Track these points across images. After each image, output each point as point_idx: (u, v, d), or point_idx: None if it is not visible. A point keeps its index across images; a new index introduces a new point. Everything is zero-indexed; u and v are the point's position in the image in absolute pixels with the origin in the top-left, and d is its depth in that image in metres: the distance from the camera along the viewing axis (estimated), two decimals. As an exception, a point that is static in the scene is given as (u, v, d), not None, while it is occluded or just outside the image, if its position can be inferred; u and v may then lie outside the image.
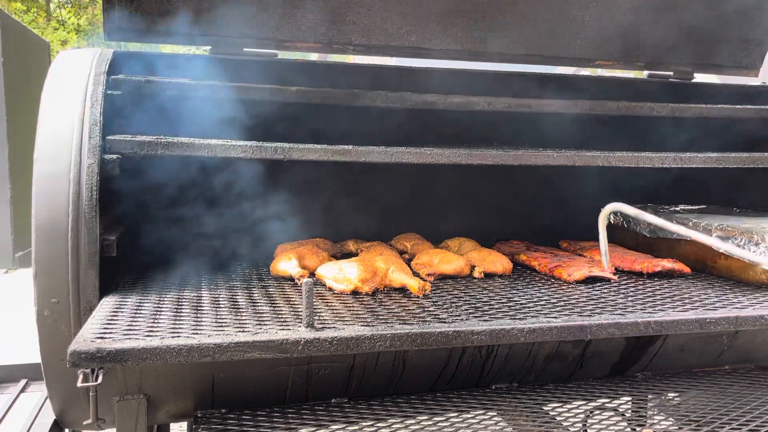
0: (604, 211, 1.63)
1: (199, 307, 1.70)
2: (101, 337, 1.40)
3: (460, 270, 2.17)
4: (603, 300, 1.87)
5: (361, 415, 1.89)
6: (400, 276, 1.94)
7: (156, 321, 1.55)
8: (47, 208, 1.69)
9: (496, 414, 1.94)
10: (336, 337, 1.47)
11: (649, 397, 2.20)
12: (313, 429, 1.84)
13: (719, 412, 1.98)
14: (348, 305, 1.78)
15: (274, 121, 2.34)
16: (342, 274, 1.92)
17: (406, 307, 1.76)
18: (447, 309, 1.75)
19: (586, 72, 5.17)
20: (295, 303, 1.77)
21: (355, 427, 1.84)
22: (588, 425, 1.95)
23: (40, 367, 1.74)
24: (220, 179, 2.37)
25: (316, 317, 1.61)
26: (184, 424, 3.12)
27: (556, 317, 1.68)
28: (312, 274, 2.04)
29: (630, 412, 2.17)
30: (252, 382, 1.88)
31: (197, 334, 1.45)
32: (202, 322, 1.56)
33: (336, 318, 1.64)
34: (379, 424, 1.85)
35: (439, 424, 1.87)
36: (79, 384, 1.49)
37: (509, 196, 2.93)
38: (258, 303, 1.77)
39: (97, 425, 1.74)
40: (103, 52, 1.98)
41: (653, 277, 2.23)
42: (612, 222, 2.65)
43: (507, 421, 1.92)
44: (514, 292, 1.99)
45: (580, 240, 2.63)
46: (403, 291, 1.95)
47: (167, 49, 2.57)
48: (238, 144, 1.76)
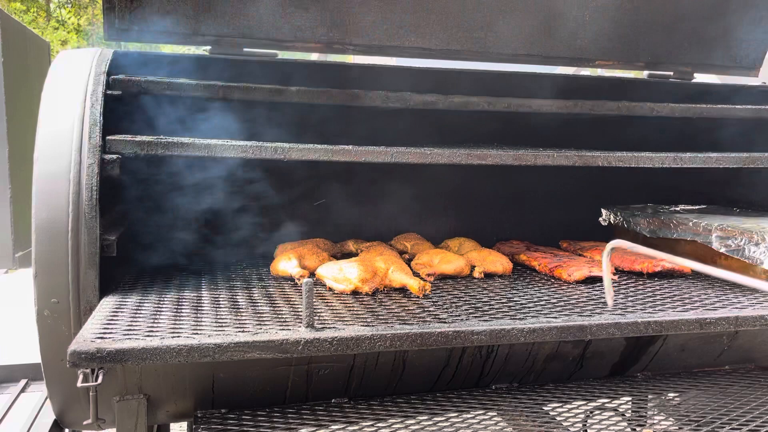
0: (606, 248, 1.69)
1: (199, 307, 1.70)
2: (101, 337, 1.40)
3: (460, 270, 2.16)
4: (603, 300, 1.87)
5: (361, 415, 1.89)
6: (400, 276, 1.94)
7: (156, 321, 1.55)
8: (47, 208, 1.69)
9: (496, 414, 1.94)
10: (336, 337, 1.48)
11: (649, 397, 2.20)
12: (313, 429, 1.84)
13: (719, 412, 1.98)
14: (348, 305, 1.78)
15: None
16: (342, 274, 1.92)
17: (406, 307, 1.76)
18: (447, 309, 1.75)
19: (586, 72, 5.17)
20: (295, 303, 1.77)
21: (355, 427, 1.84)
22: (588, 425, 1.95)
23: (40, 367, 1.74)
24: (220, 179, 2.37)
25: (316, 317, 1.61)
26: (184, 424, 3.12)
27: (556, 317, 1.68)
28: (312, 274, 2.04)
29: (630, 412, 2.17)
30: (252, 382, 1.88)
31: (197, 334, 1.45)
32: (202, 322, 1.56)
33: (336, 318, 1.64)
34: (379, 424, 1.85)
35: (439, 424, 1.87)
36: (79, 384, 1.48)
37: (509, 196, 2.93)
38: (258, 303, 1.77)
39: (97, 425, 1.74)
40: (103, 52, 1.98)
41: (653, 277, 2.23)
42: (612, 222, 2.65)
43: (507, 421, 1.92)
44: (514, 292, 1.99)
45: (580, 240, 2.63)
46: (403, 291, 1.95)
47: (167, 49, 2.57)
48: (238, 144, 1.76)
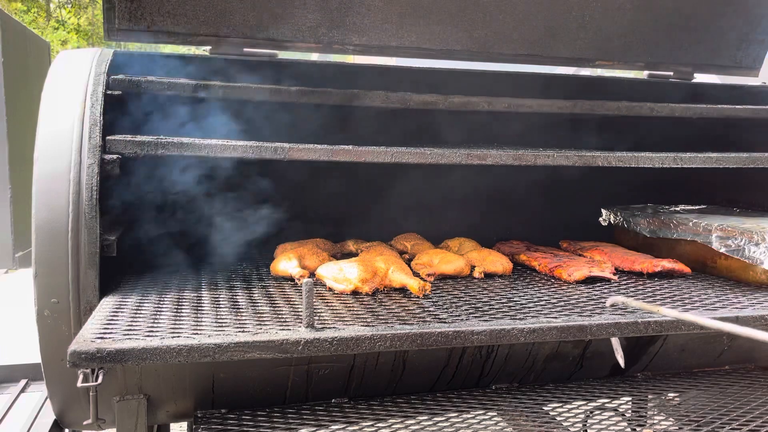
0: (608, 302, 1.74)
1: (199, 307, 1.70)
2: (101, 337, 1.40)
3: (460, 270, 2.16)
4: (603, 300, 1.87)
5: (361, 415, 1.89)
6: (400, 276, 1.94)
7: (156, 321, 1.55)
8: (47, 208, 1.69)
9: (496, 414, 1.94)
10: (336, 337, 1.47)
11: (649, 397, 2.20)
12: (313, 429, 1.84)
13: (719, 412, 1.98)
14: (348, 305, 1.78)
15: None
16: (342, 274, 1.92)
17: (406, 307, 1.76)
18: (447, 309, 1.75)
19: (586, 72, 5.17)
20: (295, 303, 1.77)
21: (355, 427, 1.84)
22: (588, 425, 1.95)
23: (40, 367, 1.74)
24: (221, 179, 2.37)
25: (316, 317, 1.61)
26: (184, 424, 3.12)
27: (556, 317, 1.68)
28: (312, 274, 2.04)
29: (630, 412, 2.17)
30: (252, 382, 1.88)
31: (197, 334, 1.45)
32: (202, 322, 1.56)
33: (336, 318, 1.64)
34: (379, 424, 1.85)
35: (439, 424, 1.87)
36: (79, 384, 1.49)
37: (509, 196, 2.93)
38: (258, 303, 1.77)
39: (97, 425, 1.74)
40: (103, 52, 1.98)
41: (653, 277, 2.23)
42: (612, 222, 2.66)
43: (507, 421, 1.92)
44: (514, 292, 1.99)
45: (580, 240, 2.64)
46: (403, 291, 1.95)
47: (167, 49, 2.56)
48: (238, 144, 1.76)
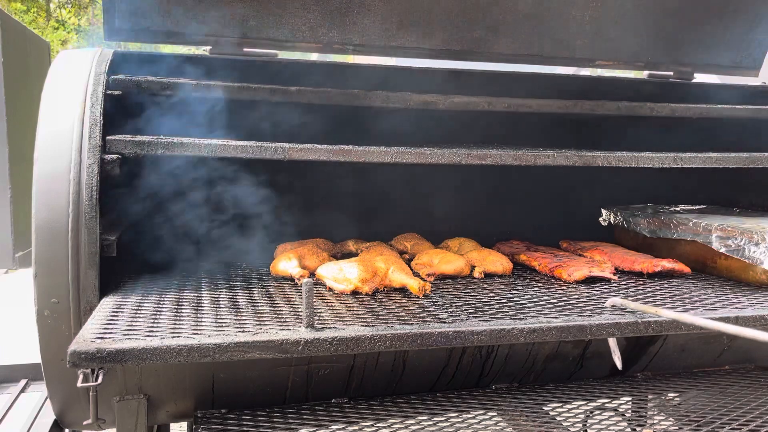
0: (607, 303, 1.76)
1: (199, 307, 1.70)
2: (101, 338, 1.40)
3: (460, 270, 2.16)
4: (603, 300, 1.87)
5: (361, 415, 1.89)
6: (400, 276, 1.94)
7: (156, 321, 1.55)
8: (47, 208, 1.69)
9: (496, 414, 1.94)
10: (336, 337, 1.47)
11: (649, 397, 2.20)
12: (313, 429, 1.84)
13: (719, 412, 1.98)
14: (348, 305, 1.78)
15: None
16: (342, 275, 1.92)
17: (406, 307, 1.76)
18: (447, 309, 1.75)
19: (586, 72, 5.17)
20: (295, 303, 1.77)
21: (355, 427, 1.84)
22: (588, 425, 1.95)
23: (40, 367, 1.74)
24: (221, 179, 2.37)
25: (316, 317, 1.61)
26: (184, 424, 3.12)
27: (556, 317, 1.68)
28: (312, 274, 2.04)
29: (630, 412, 2.17)
30: (252, 382, 1.88)
31: (197, 334, 1.45)
32: (202, 322, 1.56)
33: (336, 318, 1.63)
34: (379, 424, 1.85)
35: (439, 424, 1.87)
36: (79, 384, 1.49)
37: (509, 196, 2.93)
38: (258, 303, 1.77)
39: (97, 425, 1.74)
40: (103, 52, 1.98)
41: (653, 277, 2.23)
42: (612, 222, 2.66)
43: (507, 421, 1.92)
44: (514, 292, 1.99)
45: (580, 240, 2.64)
46: (403, 291, 1.95)
47: (167, 49, 2.57)
48: (238, 144, 1.76)
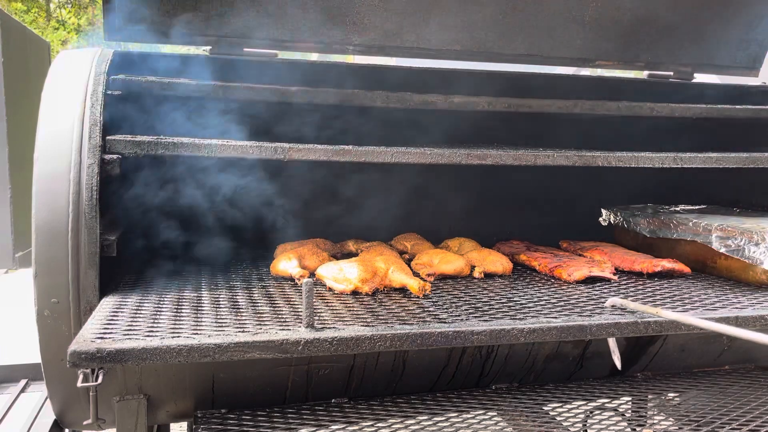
0: (606, 303, 1.77)
1: (199, 307, 1.70)
2: (101, 337, 1.40)
3: (460, 270, 2.16)
4: (603, 300, 1.87)
5: (361, 415, 1.89)
6: (400, 276, 1.94)
7: (156, 321, 1.55)
8: (47, 208, 1.69)
9: (496, 414, 1.94)
10: (336, 337, 1.47)
11: (649, 397, 2.20)
12: (313, 429, 1.84)
13: (719, 412, 1.98)
14: (348, 305, 1.78)
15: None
16: (342, 275, 1.92)
17: (406, 308, 1.76)
18: (447, 309, 1.75)
19: (586, 72, 5.17)
20: (295, 303, 1.77)
21: (355, 427, 1.84)
22: (588, 425, 1.95)
23: (40, 367, 1.74)
24: (221, 178, 2.37)
25: (316, 317, 1.61)
26: (184, 424, 3.12)
27: (556, 317, 1.68)
28: (312, 274, 2.04)
29: (630, 412, 2.17)
30: (252, 382, 1.88)
31: (197, 334, 1.45)
32: (202, 322, 1.56)
33: (336, 318, 1.64)
34: (379, 424, 1.85)
35: (439, 424, 1.87)
36: (79, 384, 1.49)
37: (509, 196, 2.93)
38: (258, 303, 1.77)
39: (97, 425, 1.74)
40: (103, 52, 1.98)
41: (653, 277, 2.23)
42: (612, 222, 2.66)
43: (507, 421, 1.92)
44: (514, 292, 1.99)
45: (581, 240, 2.64)
46: (403, 291, 1.95)
47: (167, 49, 2.56)
48: (238, 144, 1.76)
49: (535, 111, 2.34)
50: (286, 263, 2.06)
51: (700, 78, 2.93)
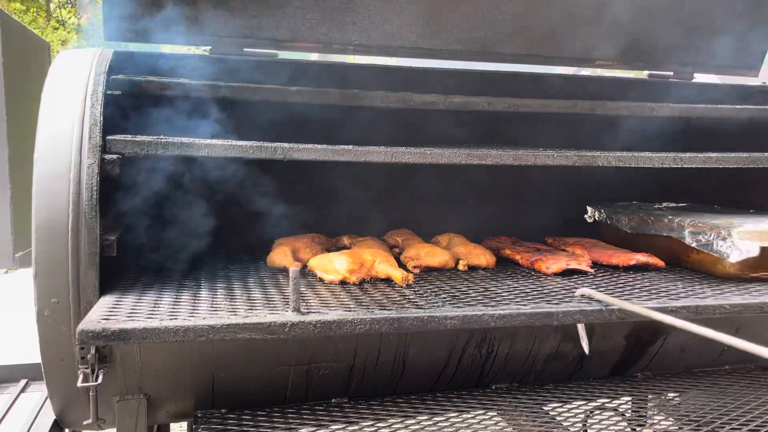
0: (576, 293, 1.87)
1: (197, 295, 1.78)
2: (106, 319, 1.49)
3: (444, 263, 2.22)
4: (574, 290, 1.90)
5: (361, 415, 1.89)
6: (385, 267, 2.01)
7: (155, 308, 1.63)
8: (47, 208, 1.69)
9: (496, 414, 1.95)
10: (320, 320, 1.55)
11: (649, 397, 2.20)
12: (313, 429, 1.85)
13: (719, 412, 1.98)
14: (335, 294, 1.84)
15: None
16: (331, 265, 2.00)
17: (389, 296, 1.82)
18: (426, 297, 1.81)
19: (586, 72, 5.17)
20: (287, 291, 1.82)
21: (355, 427, 1.84)
22: (588, 425, 1.95)
23: (40, 367, 1.74)
24: (220, 176, 2.37)
25: (304, 303, 1.69)
26: (184, 424, 3.12)
27: (525, 305, 1.73)
28: (305, 266, 2.12)
29: (630, 412, 2.17)
30: (252, 382, 1.88)
31: (193, 317, 1.54)
32: (198, 307, 1.64)
33: (322, 304, 1.71)
34: (379, 424, 1.85)
35: (439, 424, 1.87)
36: (79, 384, 1.49)
37: (508, 196, 2.94)
38: (252, 291, 1.84)
39: (97, 425, 1.74)
40: (103, 52, 1.98)
41: (629, 270, 2.26)
42: (597, 219, 2.71)
43: (507, 421, 1.92)
44: (494, 283, 2.03)
45: (566, 236, 2.66)
46: (389, 282, 2.00)
47: (167, 48, 2.56)
48: (238, 144, 1.76)
49: (535, 111, 2.34)
50: (281, 255, 2.16)
51: (700, 78, 2.93)
